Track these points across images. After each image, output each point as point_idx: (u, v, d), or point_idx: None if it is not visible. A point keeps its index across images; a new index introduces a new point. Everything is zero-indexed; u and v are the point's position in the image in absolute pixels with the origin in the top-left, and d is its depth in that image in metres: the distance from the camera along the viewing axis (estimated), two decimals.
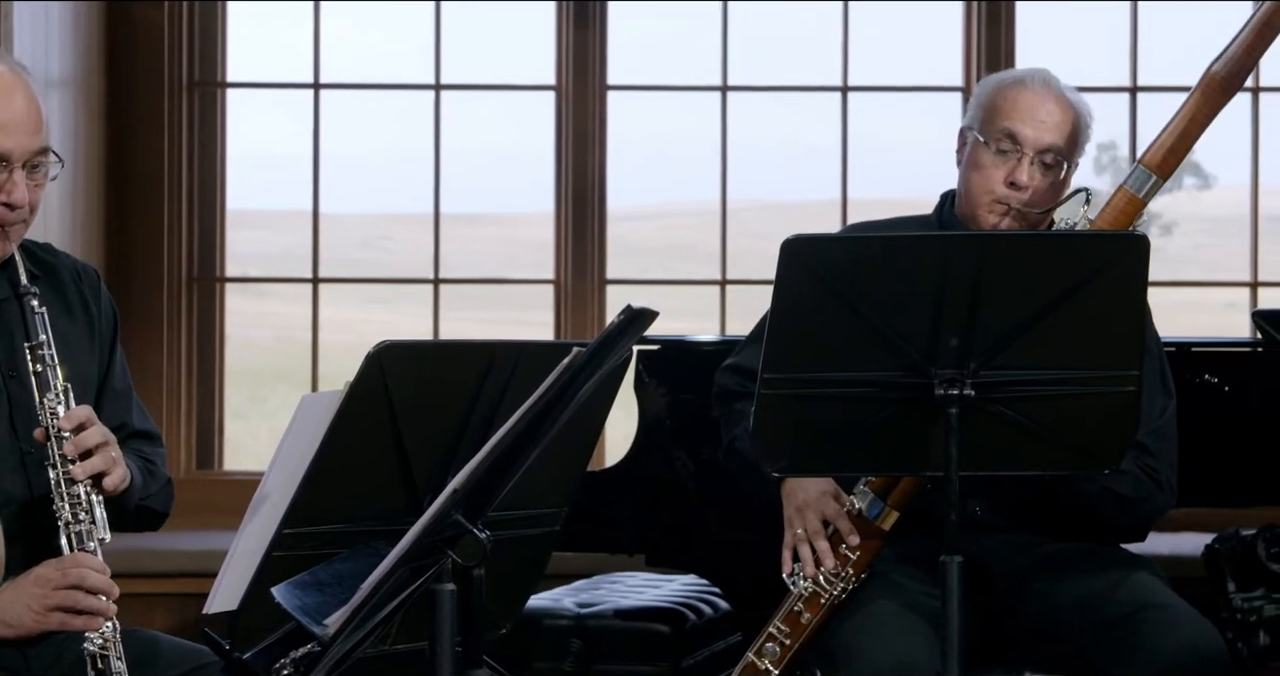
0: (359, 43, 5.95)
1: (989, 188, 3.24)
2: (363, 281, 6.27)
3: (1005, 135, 3.24)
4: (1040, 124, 3.23)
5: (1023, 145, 3.23)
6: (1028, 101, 3.24)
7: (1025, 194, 3.22)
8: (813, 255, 2.78)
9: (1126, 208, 3.14)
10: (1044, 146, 3.23)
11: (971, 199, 3.27)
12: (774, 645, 3.12)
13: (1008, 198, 3.23)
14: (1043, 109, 3.24)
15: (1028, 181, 3.22)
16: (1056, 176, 3.24)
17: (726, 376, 3.44)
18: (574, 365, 2.32)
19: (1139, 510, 3.23)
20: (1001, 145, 3.24)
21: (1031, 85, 3.26)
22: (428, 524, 2.30)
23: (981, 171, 3.25)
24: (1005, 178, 3.23)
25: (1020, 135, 3.23)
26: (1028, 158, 3.23)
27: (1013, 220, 3.23)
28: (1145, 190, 3.13)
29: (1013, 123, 3.23)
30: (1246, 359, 3.98)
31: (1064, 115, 3.24)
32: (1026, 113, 3.23)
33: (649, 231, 8.69)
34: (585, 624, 4.06)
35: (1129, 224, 3.13)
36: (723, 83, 5.49)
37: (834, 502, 3.16)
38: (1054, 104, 3.24)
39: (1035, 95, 3.25)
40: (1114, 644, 3.07)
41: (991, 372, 2.80)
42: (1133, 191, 3.14)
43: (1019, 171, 3.22)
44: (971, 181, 3.27)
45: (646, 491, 3.92)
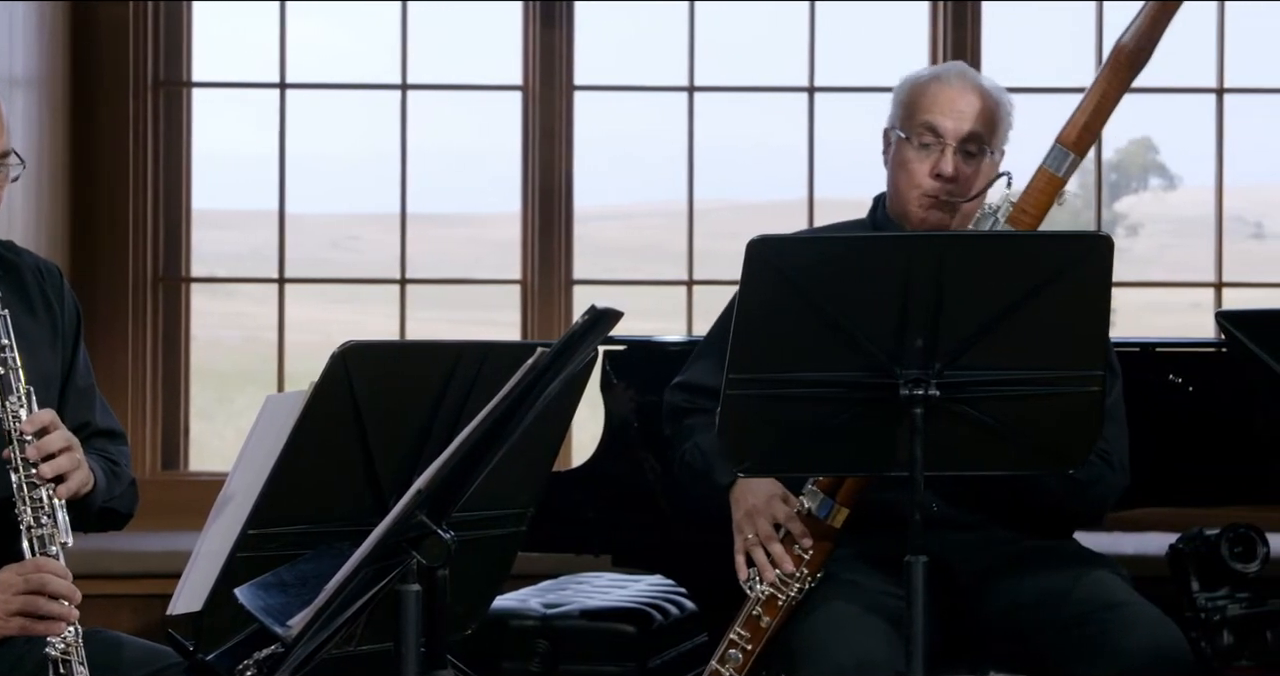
0: (325, 42, 5.94)
1: (915, 182, 3.27)
2: (329, 282, 6.25)
3: (926, 129, 3.27)
4: (959, 114, 3.26)
5: (944, 136, 3.26)
6: (945, 94, 3.28)
7: (951, 184, 3.25)
8: (778, 256, 2.79)
9: (1046, 187, 3.16)
10: (965, 135, 3.26)
11: (900, 196, 3.30)
12: (736, 651, 3.12)
13: (935, 190, 3.26)
14: (961, 100, 3.27)
15: (953, 172, 3.25)
16: (980, 164, 3.27)
17: (675, 394, 3.46)
18: (538, 366, 2.32)
19: (1093, 492, 3.25)
20: (924, 139, 3.27)
21: (946, 78, 3.30)
22: (392, 524, 2.30)
23: (907, 167, 3.28)
24: (930, 170, 3.26)
25: (940, 127, 3.26)
26: (950, 148, 3.26)
27: (941, 211, 3.26)
28: (1064, 168, 3.16)
29: (932, 116, 3.27)
30: (1211, 359, 4.00)
31: (982, 103, 3.27)
32: (945, 105, 3.27)
33: (616, 232, 8.70)
34: (551, 624, 4.06)
35: (1050, 202, 3.15)
36: (689, 83, 5.49)
37: (783, 505, 3.17)
38: (971, 94, 3.28)
39: (951, 88, 3.28)
40: (1076, 643, 3.08)
41: (956, 373, 2.81)
42: (1052, 170, 3.16)
43: (943, 163, 3.26)
44: (899, 179, 3.30)
45: (613, 492, 3.92)
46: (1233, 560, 3.52)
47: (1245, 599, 3.50)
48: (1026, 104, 3.40)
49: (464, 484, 2.42)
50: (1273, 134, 5.85)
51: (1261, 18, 5.66)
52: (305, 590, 2.31)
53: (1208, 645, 3.45)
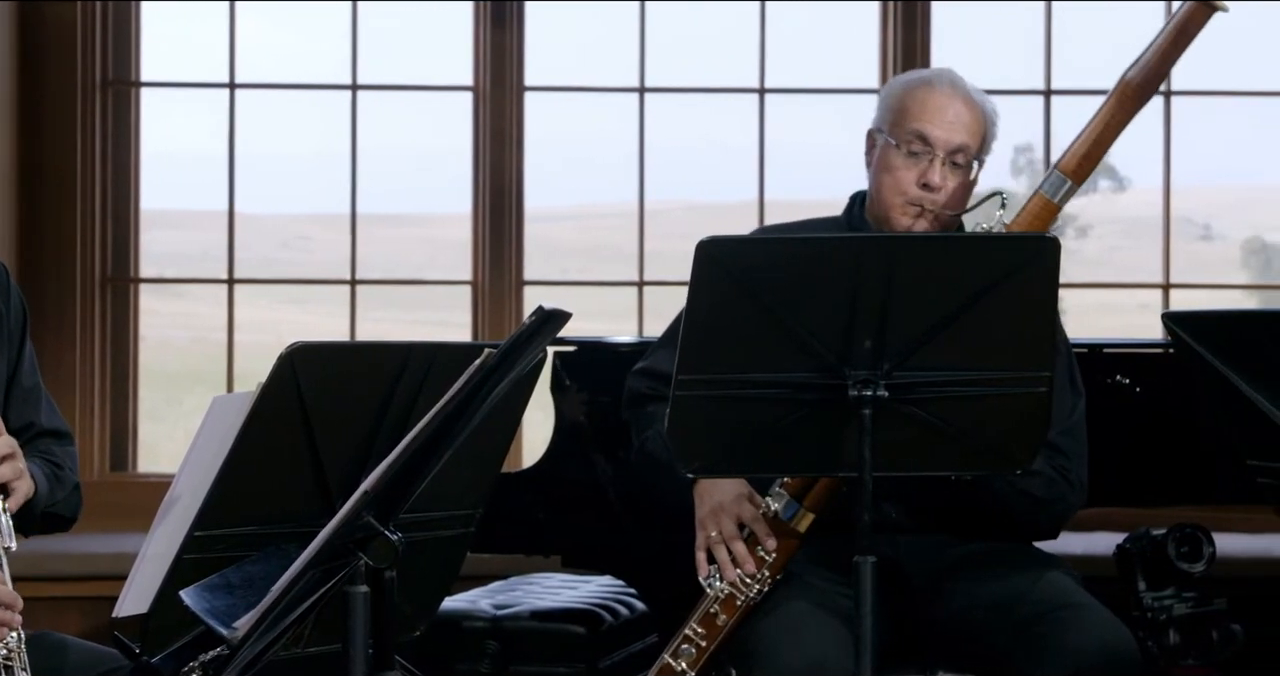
0: (274, 42, 5.92)
1: (901, 189, 3.26)
2: (278, 282, 6.23)
3: (916, 137, 3.26)
4: (950, 124, 3.25)
5: (934, 146, 3.25)
6: (937, 102, 3.27)
7: (938, 195, 3.25)
8: (727, 257, 2.79)
9: (1042, 212, 3.17)
10: (954, 147, 3.26)
11: (884, 201, 3.29)
12: (689, 646, 3.12)
13: (921, 199, 3.25)
14: (951, 109, 3.26)
15: (940, 182, 3.25)
16: (966, 176, 3.27)
17: (637, 380, 3.44)
18: (485, 366, 2.32)
19: (1052, 510, 3.26)
20: (913, 147, 3.26)
21: (939, 86, 3.29)
22: (338, 526, 2.29)
23: (893, 173, 3.27)
24: (917, 179, 3.26)
25: (931, 136, 3.25)
26: (939, 158, 3.25)
27: (927, 222, 3.26)
28: (1060, 195, 3.17)
29: (923, 124, 3.26)
30: (1157, 360, 4.02)
31: (972, 115, 3.27)
32: (936, 114, 3.26)
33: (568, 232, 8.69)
34: (502, 625, 4.05)
35: (1045, 228, 3.16)
36: (640, 84, 5.49)
37: (749, 505, 3.17)
38: (962, 104, 3.27)
39: (944, 96, 3.27)
40: (1027, 644, 3.09)
41: (905, 374, 2.82)
42: (1048, 196, 3.17)
43: (931, 173, 3.25)
44: (883, 183, 3.29)
45: (563, 493, 3.92)
46: (1179, 560, 3.54)
47: (1191, 598, 3.51)
48: None
49: (411, 485, 2.41)
50: (1221, 136, 5.89)
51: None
52: (251, 592, 2.31)
53: (1154, 644, 3.47)
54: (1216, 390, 2.95)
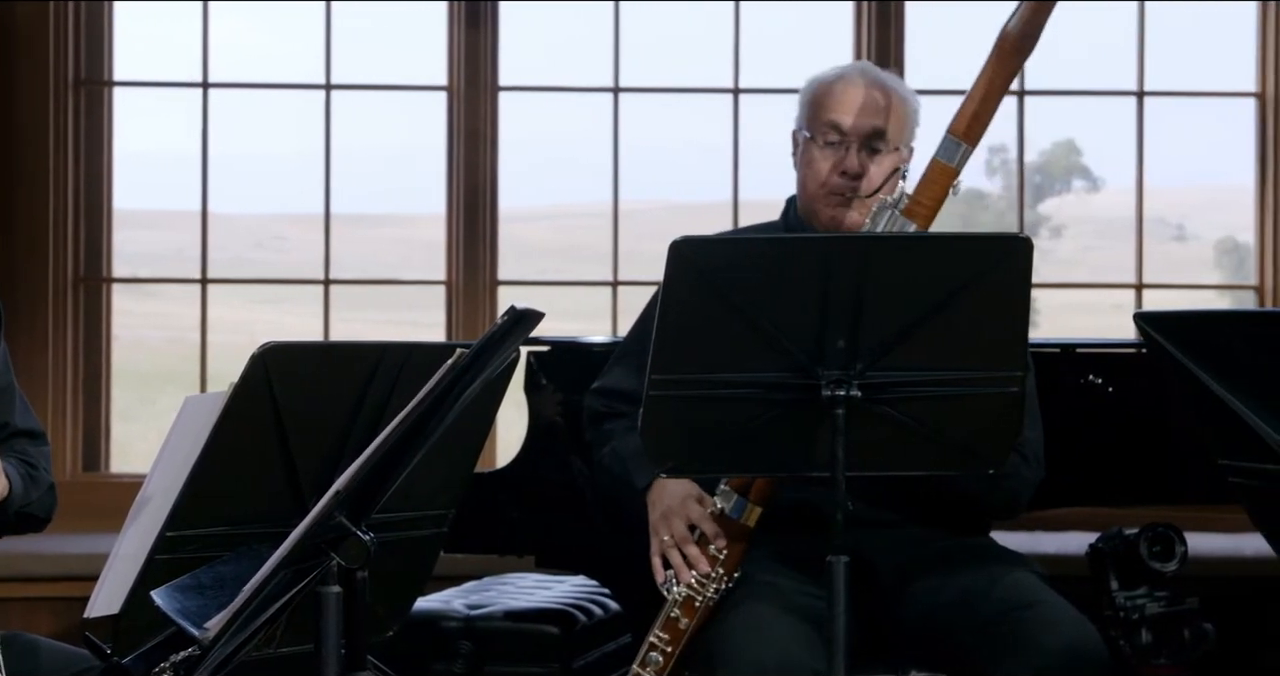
0: (248, 42, 5.91)
1: (821, 180, 3.30)
2: (251, 282, 6.22)
3: (830, 127, 3.30)
4: (861, 110, 3.29)
5: (848, 134, 3.29)
6: (848, 93, 3.31)
7: (857, 181, 3.27)
8: (700, 257, 2.79)
9: (940, 178, 3.18)
10: (868, 132, 3.29)
11: (808, 194, 3.33)
12: (656, 654, 3.13)
13: (841, 187, 3.29)
14: (863, 97, 3.31)
15: (858, 168, 3.28)
16: (884, 161, 3.30)
17: (594, 398, 3.47)
18: (457, 367, 2.32)
19: (1007, 484, 3.26)
20: (828, 137, 3.30)
21: (849, 77, 3.34)
22: (310, 526, 2.29)
23: (813, 166, 3.31)
24: (835, 168, 3.29)
25: (843, 124, 3.29)
26: (854, 145, 3.29)
27: (851, 209, 3.28)
28: (956, 158, 3.18)
29: (835, 114, 3.30)
30: (1130, 360, 4.02)
31: (885, 100, 3.31)
32: (849, 103, 3.30)
33: (544, 232, 8.69)
34: (475, 625, 4.05)
35: (944, 193, 3.18)
36: (614, 84, 5.49)
37: (697, 506, 3.17)
38: (874, 90, 3.32)
39: (854, 86, 3.32)
40: (994, 642, 3.09)
41: (877, 373, 2.82)
42: (944, 161, 3.18)
43: (848, 159, 3.29)
44: (806, 178, 3.33)
45: (537, 493, 3.92)
46: (1151, 559, 3.55)
47: (1163, 598, 3.52)
48: (949, 105, 3.41)
49: (383, 485, 2.41)
50: (1194, 137, 5.91)
51: (1181, 20, 5.71)
52: (223, 592, 2.30)
53: (1126, 643, 3.48)
54: (1188, 390, 2.95)
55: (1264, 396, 2.83)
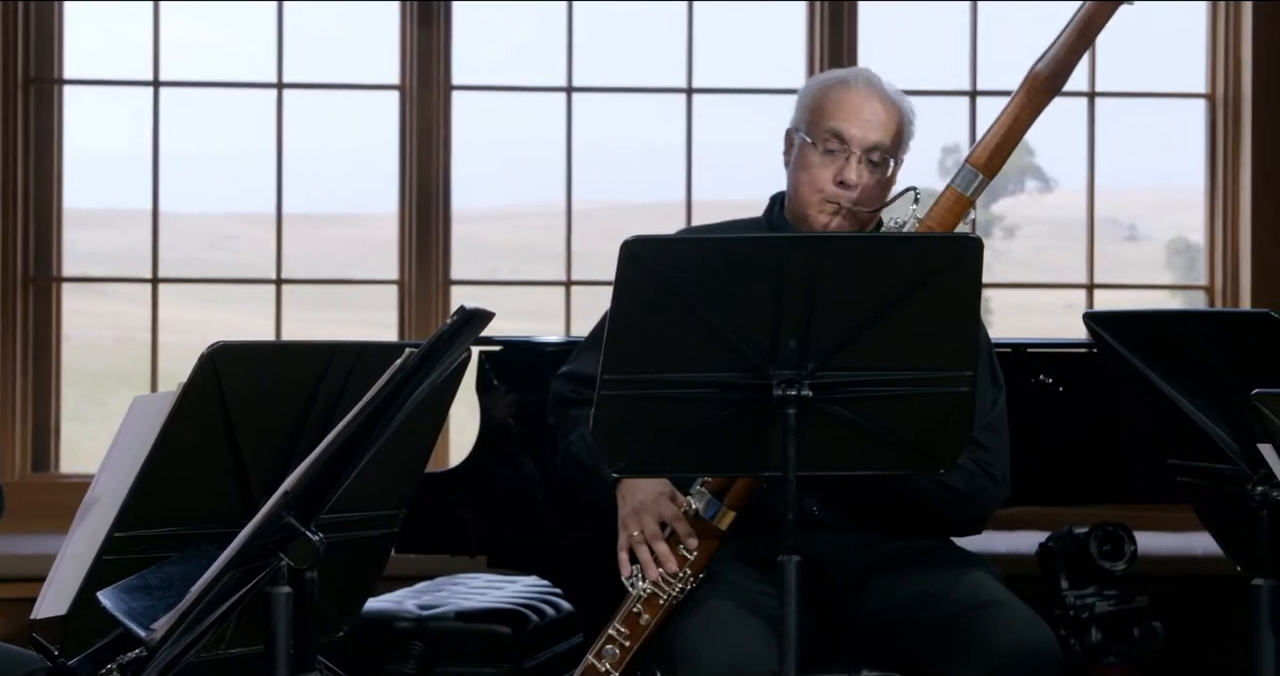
0: (200, 40, 5.88)
1: (818, 187, 3.27)
2: (202, 281, 6.19)
3: (832, 135, 3.27)
4: (866, 123, 3.27)
5: (850, 144, 3.26)
6: (853, 101, 3.28)
7: (854, 192, 3.26)
8: (652, 256, 2.78)
9: (954, 206, 3.18)
10: (870, 145, 3.27)
11: (801, 199, 3.30)
12: (613, 647, 3.12)
13: (837, 197, 3.27)
14: (868, 108, 3.28)
15: (856, 180, 3.26)
16: (884, 174, 3.28)
17: (561, 384, 3.45)
18: (406, 367, 2.31)
19: (974, 503, 3.28)
20: (829, 145, 3.27)
21: (855, 85, 3.30)
22: (258, 526, 2.28)
23: (810, 172, 3.28)
24: (834, 177, 3.27)
25: (847, 134, 3.26)
26: (855, 156, 3.26)
27: (843, 219, 3.27)
28: (972, 189, 3.18)
29: (839, 122, 3.27)
30: (1080, 360, 4.04)
31: (889, 113, 3.28)
32: (852, 112, 3.27)
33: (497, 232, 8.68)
34: (427, 625, 4.04)
35: (957, 221, 3.17)
36: (568, 84, 5.48)
37: (671, 504, 3.17)
38: (879, 103, 3.28)
39: (860, 95, 3.29)
40: (948, 642, 3.10)
41: (829, 373, 2.82)
42: (960, 190, 3.18)
43: (847, 170, 3.26)
44: (800, 182, 3.30)
45: (489, 493, 3.91)
46: (1101, 558, 3.56)
47: (1113, 596, 3.54)
48: None
49: (332, 485, 2.40)
50: (1146, 137, 5.93)
51: (1132, 21, 5.73)
52: (170, 593, 2.29)
53: (1076, 642, 3.49)
54: (1137, 389, 2.97)
55: (1211, 396, 2.85)
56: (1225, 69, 5.54)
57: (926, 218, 3.17)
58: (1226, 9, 5.54)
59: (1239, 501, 2.84)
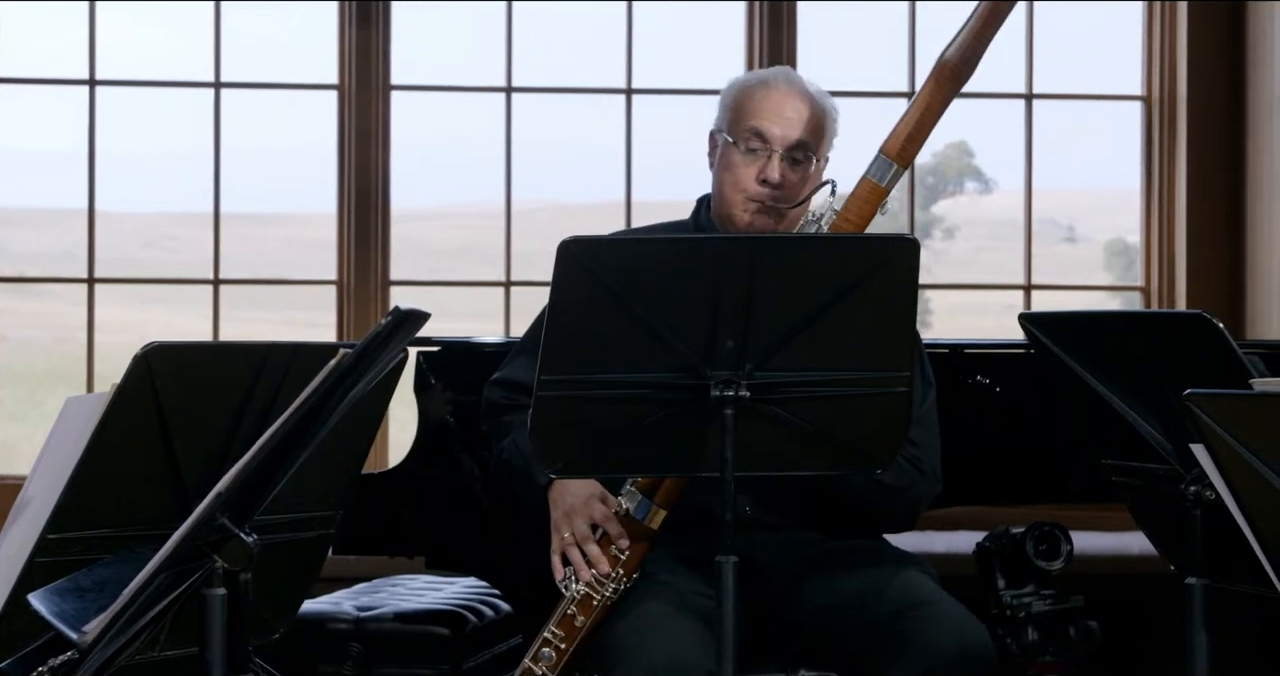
0: (137, 39, 5.84)
1: (741, 186, 3.29)
2: (139, 281, 6.16)
3: (754, 134, 3.29)
4: (787, 121, 3.28)
5: (771, 143, 3.28)
6: (773, 100, 3.29)
7: (777, 191, 3.27)
8: (590, 257, 2.78)
9: (870, 196, 3.19)
10: (792, 143, 3.28)
11: (725, 199, 3.32)
12: (549, 650, 3.12)
13: (760, 195, 3.28)
14: (789, 106, 3.29)
15: (779, 178, 3.27)
16: (806, 171, 3.30)
17: (494, 390, 3.45)
18: (340, 368, 2.30)
19: (904, 498, 3.29)
20: (751, 144, 3.29)
21: (775, 84, 3.32)
22: (191, 528, 2.27)
23: (733, 171, 3.30)
24: (756, 175, 3.28)
25: (768, 133, 3.28)
26: (777, 155, 3.28)
27: (767, 217, 3.28)
28: (887, 178, 3.19)
29: (760, 121, 3.28)
30: (1017, 360, 4.06)
31: (809, 111, 3.30)
32: (773, 111, 3.28)
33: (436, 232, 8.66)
34: (365, 627, 4.03)
35: (873, 212, 3.19)
36: (507, 84, 5.48)
37: (601, 505, 3.17)
38: (799, 101, 3.30)
39: (780, 94, 3.30)
40: (884, 642, 3.11)
41: (766, 374, 2.83)
42: (875, 180, 3.19)
43: (769, 169, 3.28)
44: (724, 182, 3.32)
45: (427, 494, 3.90)
46: (1037, 558, 3.57)
47: (1049, 596, 3.55)
48: (841, 108, 3.43)
49: (267, 487, 2.39)
50: (1085, 139, 5.96)
51: (1069, 23, 5.77)
52: (103, 595, 2.28)
53: (1013, 642, 3.50)
54: (1072, 390, 2.99)
55: (1145, 397, 2.87)
56: (1161, 71, 5.58)
57: (843, 209, 3.19)
58: (1162, 9, 5.57)
59: (1172, 501, 2.85)
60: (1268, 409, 2.11)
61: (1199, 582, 2.82)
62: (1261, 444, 2.10)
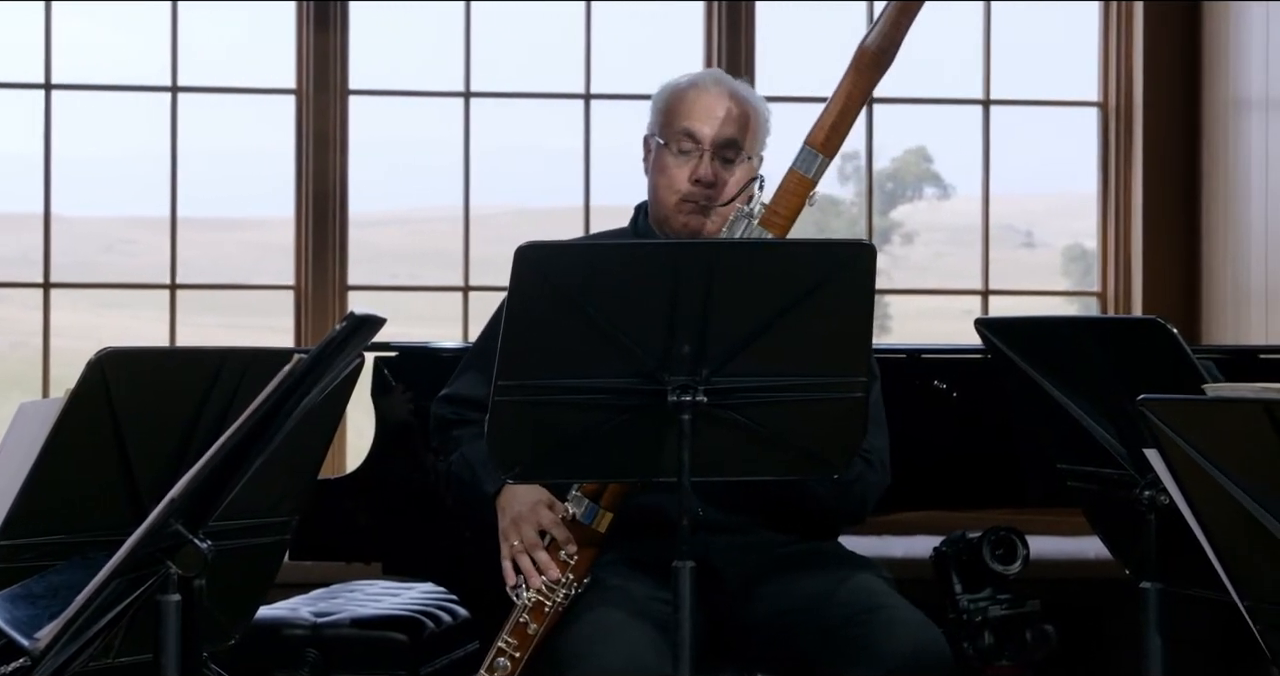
0: (93, 43, 5.82)
1: (675, 188, 3.30)
2: (95, 286, 6.14)
3: (684, 135, 3.30)
4: (716, 120, 3.30)
5: (702, 142, 3.29)
6: (703, 101, 3.31)
7: (709, 189, 3.28)
8: (547, 262, 2.78)
9: (797, 188, 3.19)
10: (722, 141, 3.29)
11: (660, 201, 3.33)
12: (504, 659, 3.11)
13: (694, 195, 3.29)
14: (718, 106, 3.31)
15: (711, 177, 3.28)
16: (737, 170, 3.31)
17: (441, 406, 3.45)
18: (295, 373, 2.30)
19: (853, 490, 3.29)
20: (682, 145, 3.30)
21: (704, 85, 3.34)
22: (144, 534, 2.26)
23: (666, 173, 3.31)
24: (689, 176, 3.29)
25: (698, 133, 3.29)
26: (708, 154, 3.29)
27: (701, 217, 3.29)
28: (813, 170, 3.19)
29: (690, 122, 3.30)
30: (974, 365, 4.07)
31: (739, 110, 3.31)
32: (703, 111, 3.30)
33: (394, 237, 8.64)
34: (322, 633, 4.01)
35: (801, 203, 3.19)
36: (466, 88, 5.47)
37: (548, 511, 3.17)
38: (728, 100, 3.32)
39: (708, 94, 3.32)
40: (839, 646, 3.11)
41: (723, 379, 2.83)
42: (802, 172, 3.19)
43: (701, 168, 3.29)
44: (659, 185, 3.33)
45: (385, 499, 3.89)
46: (994, 562, 3.58)
47: (1006, 600, 3.56)
48: (798, 113, 3.44)
49: (221, 492, 2.39)
50: (1043, 144, 5.99)
51: (1026, 28, 5.79)
52: (56, 601, 2.27)
53: (969, 646, 3.51)
54: (1028, 395, 3.00)
55: (1100, 401, 2.88)
56: (1118, 77, 5.60)
57: (772, 203, 3.19)
58: (1119, 10, 5.60)
59: (1127, 506, 2.87)
60: (1221, 414, 2.12)
61: (1154, 587, 2.83)
62: (1214, 449, 2.11)
